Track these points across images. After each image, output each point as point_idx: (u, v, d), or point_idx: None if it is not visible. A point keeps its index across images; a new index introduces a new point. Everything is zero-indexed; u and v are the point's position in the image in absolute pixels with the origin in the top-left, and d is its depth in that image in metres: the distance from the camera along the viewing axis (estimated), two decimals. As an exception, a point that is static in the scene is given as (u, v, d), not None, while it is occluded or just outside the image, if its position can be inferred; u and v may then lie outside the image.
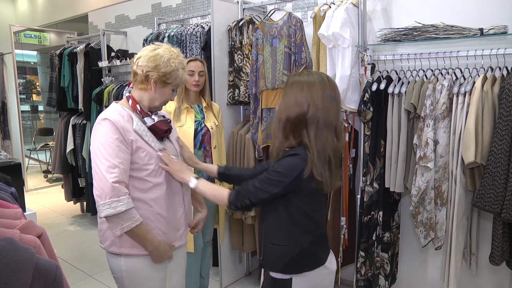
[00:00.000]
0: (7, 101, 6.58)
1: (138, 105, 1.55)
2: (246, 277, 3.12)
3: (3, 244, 0.84)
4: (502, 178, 1.83)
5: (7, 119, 6.60)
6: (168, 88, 1.55)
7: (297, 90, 1.40)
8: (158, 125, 1.56)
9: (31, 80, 7.25)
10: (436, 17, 2.24)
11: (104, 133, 1.45)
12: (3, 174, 1.69)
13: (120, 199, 1.41)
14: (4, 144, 6.54)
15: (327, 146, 1.37)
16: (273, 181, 1.37)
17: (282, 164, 1.38)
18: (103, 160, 1.43)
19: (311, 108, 1.36)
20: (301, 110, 1.37)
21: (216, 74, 2.75)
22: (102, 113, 1.52)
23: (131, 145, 1.48)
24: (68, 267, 3.34)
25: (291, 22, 2.48)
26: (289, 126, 1.39)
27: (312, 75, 1.43)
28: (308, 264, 1.45)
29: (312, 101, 1.37)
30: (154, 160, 1.53)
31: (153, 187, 1.53)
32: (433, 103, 2.05)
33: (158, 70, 1.50)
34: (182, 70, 1.55)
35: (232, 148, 2.83)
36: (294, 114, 1.38)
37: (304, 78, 1.42)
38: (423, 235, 2.18)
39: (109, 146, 1.43)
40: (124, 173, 1.44)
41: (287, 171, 1.36)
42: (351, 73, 2.32)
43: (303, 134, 1.38)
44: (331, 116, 1.39)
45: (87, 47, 4.25)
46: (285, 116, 1.39)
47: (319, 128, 1.36)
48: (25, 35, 6.42)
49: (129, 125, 1.49)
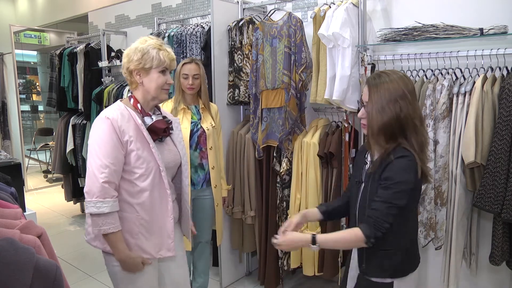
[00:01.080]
0: (7, 101, 6.58)
1: (139, 104, 1.57)
2: (246, 277, 3.12)
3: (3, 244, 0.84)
4: (502, 178, 1.83)
5: (7, 119, 6.60)
6: (153, 73, 1.54)
7: (383, 94, 1.34)
8: (156, 124, 1.56)
9: (31, 80, 7.26)
10: (436, 17, 2.23)
11: (102, 131, 1.47)
12: (3, 174, 1.69)
13: (106, 200, 1.45)
14: (4, 144, 6.54)
15: (425, 143, 1.37)
16: (397, 194, 1.31)
17: (396, 171, 1.31)
18: (96, 158, 1.46)
19: (404, 109, 1.32)
20: (395, 113, 1.32)
21: (216, 74, 2.75)
22: (104, 110, 1.54)
23: (126, 145, 1.49)
24: (68, 267, 3.33)
25: (291, 22, 2.48)
26: (382, 133, 1.35)
27: (389, 75, 1.38)
28: (412, 265, 1.44)
29: (403, 102, 1.32)
30: (146, 164, 1.52)
31: (140, 192, 1.54)
32: (433, 103, 2.05)
33: (132, 60, 1.54)
34: (154, 50, 1.53)
35: (232, 148, 2.83)
36: (389, 119, 1.32)
37: (384, 79, 1.36)
38: (423, 235, 2.18)
39: (103, 145, 1.46)
40: (114, 174, 1.47)
41: (404, 178, 1.31)
42: (351, 73, 2.31)
43: (399, 138, 1.34)
44: (421, 112, 1.39)
45: (87, 47, 4.25)
46: (381, 123, 1.33)
47: (417, 127, 1.34)
48: (25, 35, 6.42)
49: (128, 124, 1.51)
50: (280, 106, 2.54)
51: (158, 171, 1.55)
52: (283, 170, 2.60)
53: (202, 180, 2.40)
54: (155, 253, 1.59)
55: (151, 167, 1.53)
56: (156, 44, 1.55)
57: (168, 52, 1.56)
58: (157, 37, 1.62)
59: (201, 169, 2.39)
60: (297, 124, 2.56)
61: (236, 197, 2.83)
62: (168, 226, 1.60)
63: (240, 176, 2.81)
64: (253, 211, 2.80)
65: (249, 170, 2.77)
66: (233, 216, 2.85)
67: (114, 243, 1.49)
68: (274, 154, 2.67)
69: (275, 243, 1.43)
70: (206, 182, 2.41)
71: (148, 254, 1.58)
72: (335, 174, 2.45)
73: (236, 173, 2.82)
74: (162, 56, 1.53)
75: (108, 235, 1.48)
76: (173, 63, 1.59)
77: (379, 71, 1.44)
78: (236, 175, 2.82)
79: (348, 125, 2.48)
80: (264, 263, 2.78)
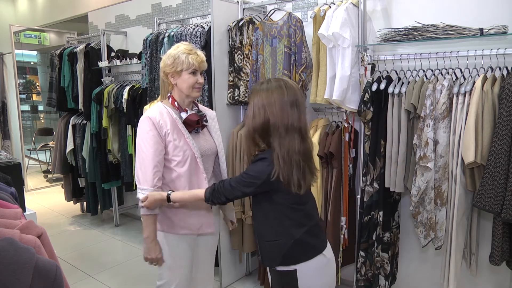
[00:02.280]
0: (7, 101, 6.59)
1: (176, 102, 1.81)
2: (246, 277, 3.12)
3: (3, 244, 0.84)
4: (502, 178, 1.83)
5: (7, 119, 6.60)
6: (184, 74, 1.76)
7: (257, 100, 1.50)
8: (190, 117, 1.79)
9: (31, 80, 7.26)
10: (436, 17, 2.24)
11: (144, 129, 1.73)
12: (3, 174, 1.69)
13: (149, 189, 1.70)
14: (4, 144, 6.54)
15: (292, 150, 1.46)
16: (246, 183, 1.52)
17: (253, 169, 1.52)
18: (142, 152, 1.72)
19: (271, 117, 1.46)
20: (264, 119, 1.47)
21: (216, 74, 2.75)
22: (147, 111, 1.80)
23: (165, 138, 1.74)
24: (68, 267, 3.34)
25: (291, 22, 2.48)
26: (256, 134, 1.52)
27: (270, 83, 1.52)
28: (304, 253, 1.55)
29: (270, 109, 1.46)
30: (182, 152, 1.76)
31: (178, 177, 1.77)
32: (433, 103, 2.05)
33: (166, 65, 1.78)
34: (184, 55, 1.75)
35: (232, 148, 2.83)
36: (258, 124, 1.49)
37: (262, 87, 1.52)
38: (423, 235, 2.18)
39: (147, 140, 1.71)
40: (158, 164, 1.72)
41: (257, 174, 1.49)
42: (351, 73, 2.32)
43: (269, 140, 1.49)
44: (293, 121, 1.47)
45: (87, 47, 4.25)
46: (252, 127, 1.51)
47: (281, 135, 1.46)
48: (25, 35, 6.42)
49: (166, 120, 1.75)
50: (280, 106, 2.53)
51: (193, 158, 1.77)
52: (283, 170, 2.60)
53: None
54: (196, 230, 1.84)
55: (187, 155, 1.76)
56: (186, 50, 1.77)
57: (197, 56, 1.78)
58: (188, 43, 1.85)
59: None
60: (297, 124, 2.56)
61: (236, 197, 2.83)
62: (205, 205, 1.76)
63: (240, 176, 2.81)
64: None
65: (249, 170, 2.77)
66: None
67: (147, 224, 1.74)
68: (274, 154, 2.67)
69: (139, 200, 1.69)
70: None
71: (191, 230, 1.83)
72: (335, 174, 2.45)
73: (236, 173, 2.82)
74: (191, 60, 1.75)
75: (144, 216, 1.73)
76: (202, 64, 1.80)
77: (268, 78, 1.60)
78: (236, 175, 2.81)
79: (348, 125, 2.48)
80: (264, 263, 2.78)
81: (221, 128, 2.76)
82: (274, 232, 1.55)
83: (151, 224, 1.74)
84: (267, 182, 1.48)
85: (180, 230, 1.82)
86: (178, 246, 1.83)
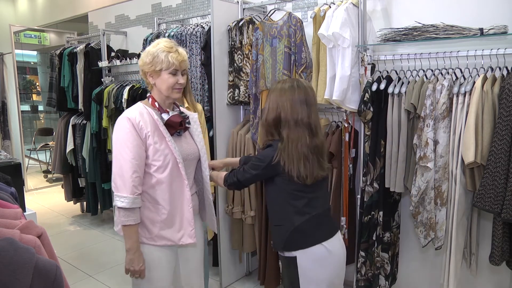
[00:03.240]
0: (7, 101, 6.58)
1: (156, 103, 1.70)
2: (246, 277, 3.12)
3: (3, 244, 0.84)
4: (502, 178, 1.83)
5: (7, 119, 6.60)
6: (164, 74, 1.65)
7: (272, 96, 1.70)
8: (172, 118, 1.68)
9: (31, 80, 7.25)
10: (436, 17, 2.24)
11: (123, 130, 1.61)
12: (3, 174, 1.69)
13: (129, 196, 1.57)
14: (4, 144, 6.54)
15: (300, 143, 1.63)
16: (253, 166, 1.72)
17: (261, 153, 1.74)
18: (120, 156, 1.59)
19: (282, 112, 1.65)
20: (276, 114, 1.67)
21: (216, 74, 2.75)
22: (125, 111, 1.68)
23: (145, 140, 1.62)
24: (68, 267, 3.34)
25: (291, 22, 2.48)
26: (269, 126, 1.71)
27: (285, 83, 1.71)
28: (304, 241, 1.66)
29: (282, 106, 1.65)
30: (163, 157, 1.64)
31: (158, 183, 1.65)
32: (433, 103, 2.05)
33: (145, 63, 1.67)
34: (163, 53, 1.63)
35: (232, 148, 2.83)
36: (271, 117, 1.69)
37: (278, 86, 1.71)
38: (423, 235, 2.18)
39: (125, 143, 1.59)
40: (138, 168, 1.59)
41: (263, 157, 1.69)
42: (351, 73, 2.32)
43: (280, 131, 1.68)
44: (303, 117, 1.64)
45: (87, 47, 4.25)
46: (265, 119, 1.72)
47: (290, 128, 1.64)
48: (25, 35, 6.42)
49: (146, 121, 1.62)
50: (280, 106, 2.54)
51: (175, 163, 1.65)
52: (283, 170, 2.60)
53: None
54: (177, 240, 1.69)
55: (168, 159, 1.64)
56: (166, 47, 1.64)
57: (178, 54, 1.66)
58: (170, 40, 1.73)
59: None
60: (297, 124, 2.56)
61: (236, 197, 2.83)
62: (187, 214, 1.69)
63: (240, 176, 2.81)
64: (253, 211, 2.80)
65: (249, 170, 2.77)
66: (233, 216, 2.85)
67: (129, 234, 1.62)
68: (274, 154, 2.68)
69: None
70: None
71: (171, 241, 1.68)
72: (335, 174, 2.45)
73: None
74: (171, 59, 1.63)
75: (126, 226, 1.60)
76: (184, 63, 1.68)
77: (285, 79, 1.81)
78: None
79: (348, 125, 2.48)
80: (264, 263, 2.78)
81: (221, 128, 2.79)
82: (278, 217, 1.72)
83: (133, 234, 1.62)
84: (269, 165, 1.66)
85: (159, 241, 1.68)
86: (157, 258, 1.69)
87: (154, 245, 1.68)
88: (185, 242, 1.70)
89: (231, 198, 2.85)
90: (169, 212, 1.66)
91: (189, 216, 1.69)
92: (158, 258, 1.70)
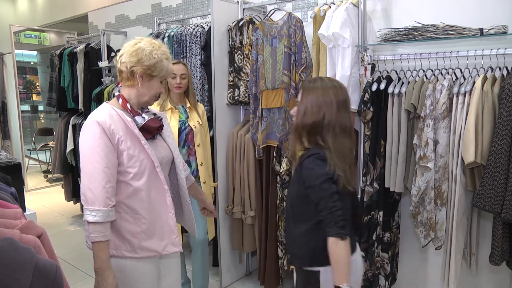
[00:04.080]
0: (7, 101, 6.58)
1: (128, 104, 1.54)
2: (246, 277, 3.12)
3: (3, 244, 0.84)
4: (502, 178, 1.83)
5: (7, 119, 6.60)
6: (155, 81, 1.54)
7: (312, 97, 1.46)
8: (150, 123, 1.56)
9: (31, 80, 7.25)
10: (436, 17, 2.23)
11: (92, 135, 1.45)
12: (3, 174, 1.69)
13: (101, 209, 1.42)
14: (4, 144, 6.54)
15: (344, 148, 1.45)
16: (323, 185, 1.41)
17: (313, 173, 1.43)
18: (89, 164, 1.43)
19: (327, 115, 1.43)
20: (317, 117, 1.44)
21: (216, 74, 2.75)
22: (91, 113, 1.52)
23: (117, 146, 1.47)
24: (68, 267, 3.33)
25: (291, 22, 2.48)
26: (305, 132, 1.48)
27: (323, 81, 1.50)
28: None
29: (327, 108, 1.44)
30: (139, 162, 1.50)
31: (135, 192, 1.51)
32: (433, 103, 2.04)
33: (142, 63, 1.49)
34: (167, 61, 1.54)
35: (232, 148, 2.83)
36: (309, 121, 1.45)
37: (317, 84, 1.49)
38: (423, 235, 2.18)
39: (95, 149, 1.43)
40: (111, 177, 1.45)
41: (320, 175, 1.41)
42: (351, 73, 2.31)
43: (318, 139, 1.46)
44: (345, 121, 1.46)
45: (87, 47, 4.25)
46: (301, 123, 1.47)
47: (336, 135, 1.44)
48: (25, 35, 6.42)
49: (118, 125, 1.48)
50: (280, 106, 2.54)
51: (152, 167, 1.53)
52: (283, 170, 2.60)
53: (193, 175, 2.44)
54: (161, 250, 1.57)
55: (145, 165, 1.51)
56: (167, 54, 1.55)
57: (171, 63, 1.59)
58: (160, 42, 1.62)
59: (188, 166, 2.43)
60: (297, 124, 2.56)
61: (236, 197, 2.83)
62: (170, 222, 1.59)
63: (240, 176, 2.81)
64: (253, 211, 2.80)
65: (249, 170, 2.77)
66: (233, 216, 2.85)
67: (98, 251, 1.45)
68: (274, 154, 2.67)
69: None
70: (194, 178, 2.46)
71: (154, 252, 1.56)
72: (335, 174, 2.44)
73: (236, 173, 2.82)
74: (170, 68, 1.56)
75: (95, 243, 1.44)
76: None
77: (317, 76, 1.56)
78: (236, 175, 2.82)
79: (348, 125, 2.48)
80: (264, 263, 2.78)
81: (221, 128, 2.79)
82: (309, 229, 1.50)
83: (103, 251, 1.44)
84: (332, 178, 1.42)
85: (142, 253, 1.53)
86: (140, 272, 1.56)
87: (136, 258, 1.54)
88: (169, 251, 1.59)
89: (231, 198, 2.85)
90: (149, 221, 1.54)
91: (171, 223, 1.59)
92: (142, 272, 1.56)
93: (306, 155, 1.47)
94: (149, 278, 1.59)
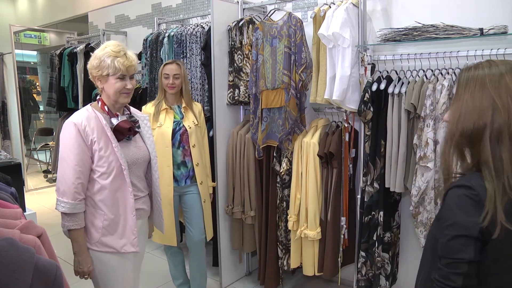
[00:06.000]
0: (7, 101, 6.58)
1: (106, 106, 1.68)
2: (246, 277, 3.12)
3: (3, 244, 0.84)
4: (502, 178, 1.83)
5: (7, 119, 6.60)
6: (111, 79, 1.63)
7: (475, 90, 0.98)
8: (121, 124, 1.65)
9: (31, 80, 7.25)
10: (436, 17, 2.23)
11: (68, 135, 1.60)
12: (3, 174, 1.69)
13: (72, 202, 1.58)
14: (4, 144, 6.54)
15: None
16: (454, 241, 0.95)
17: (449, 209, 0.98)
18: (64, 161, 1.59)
19: (501, 114, 0.94)
20: (483, 118, 0.95)
21: (216, 74, 2.75)
22: (72, 114, 1.65)
23: (91, 146, 1.60)
24: (68, 267, 3.31)
25: (291, 22, 2.48)
26: (466, 142, 0.99)
27: (496, 66, 0.99)
28: None
29: (502, 103, 0.94)
30: (107, 163, 1.62)
31: (100, 189, 1.64)
32: (433, 103, 2.05)
33: (93, 67, 1.65)
34: (111, 58, 1.61)
35: (232, 148, 2.83)
36: (470, 124, 0.97)
37: (484, 72, 0.99)
38: (423, 235, 2.18)
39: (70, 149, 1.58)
40: (82, 175, 1.59)
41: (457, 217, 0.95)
42: (351, 73, 2.32)
43: (484, 152, 0.95)
44: None
45: (87, 47, 4.26)
46: (460, 128, 0.99)
47: (506, 145, 0.94)
48: (25, 35, 6.42)
49: (93, 126, 1.60)
50: (280, 106, 2.54)
51: (120, 170, 1.63)
52: (283, 170, 2.60)
53: (185, 177, 2.47)
54: (119, 248, 1.67)
55: (113, 166, 1.62)
56: (113, 52, 1.61)
57: (126, 59, 1.63)
58: (119, 43, 1.68)
59: (183, 166, 2.46)
60: (297, 124, 2.56)
61: (236, 197, 2.83)
62: (130, 223, 1.68)
63: (240, 176, 2.81)
64: (253, 211, 2.80)
65: (249, 170, 2.77)
66: (233, 216, 2.85)
67: (75, 238, 1.64)
68: (274, 154, 2.67)
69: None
70: (190, 178, 2.48)
71: (112, 249, 1.67)
72: (335, 174, 2.45)
73: (236, 173, 2.82)
74: (117, 64, 1.60)
75: (71, 230, 1.63)
76: (131, 68, 1.65)
77: (486, 60, 1.04)
78: (236, 175, 2.82)
79: (348, 125, 2.48)
80: (264, 263, 2.78)
81: (221, 128, 2.79)
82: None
83: (79, 237, 1.63)
84: (480, 238, 0.93)
85: (102, 248, 1.66)
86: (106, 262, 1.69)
87: (97, 251, 1.67)
88: (127, 250, 1.68)
89: (231, 198, 2.85)
90: (111, 219, 1.65)
91: (132, 224, 1.68)
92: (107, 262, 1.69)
93: (455, 184, 0.99)
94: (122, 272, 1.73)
